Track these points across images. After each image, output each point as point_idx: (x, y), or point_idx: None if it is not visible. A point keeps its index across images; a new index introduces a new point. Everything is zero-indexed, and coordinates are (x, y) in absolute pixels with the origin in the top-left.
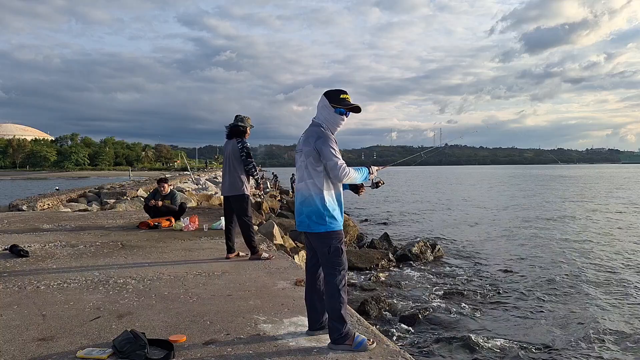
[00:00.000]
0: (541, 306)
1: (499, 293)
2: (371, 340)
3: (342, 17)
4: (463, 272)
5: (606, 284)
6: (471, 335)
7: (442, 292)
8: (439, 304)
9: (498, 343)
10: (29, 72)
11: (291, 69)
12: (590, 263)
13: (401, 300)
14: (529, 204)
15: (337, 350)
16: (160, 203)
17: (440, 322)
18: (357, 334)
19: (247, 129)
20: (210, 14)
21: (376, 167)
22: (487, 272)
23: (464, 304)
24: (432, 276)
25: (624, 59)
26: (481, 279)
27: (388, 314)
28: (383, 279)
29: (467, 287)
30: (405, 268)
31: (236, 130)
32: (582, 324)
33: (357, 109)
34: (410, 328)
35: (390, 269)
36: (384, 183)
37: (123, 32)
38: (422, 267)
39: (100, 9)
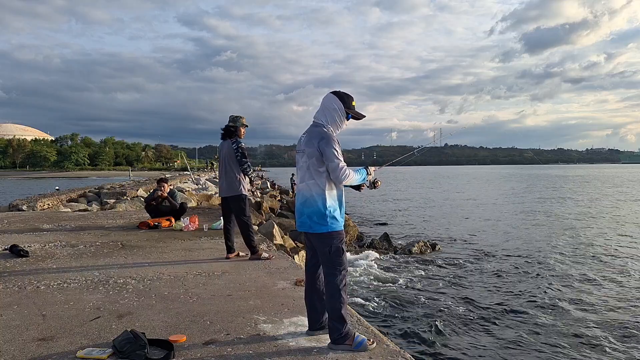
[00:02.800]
0: (541, 306)
1: (499, 293)
2: (371, 340)
3: (342, 17)
4: (463, 272)
5: (612, 287)
6: (471, 335)
7: (442, 292)
8: (438, 304)
9: (498, 343)
10: (29, 72)
11: (291, 69)
12: (593, 264)
13: (401, 300)
14: (529, 203)
15: (337, 350)
16: (164, 194)
17: (439, 322)
18: (357, 334)
19: (240, 128)
20: (210, 14)
21: (373, 168)
22: (488, 272)
23: (463, 304)
24: (432, 276)
25: (624, 59)
26: (481, 279)
27: (388, 313)
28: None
29: (466, 287)
30: (405, 268)
31: (229, 130)
32: (583, 324)
33: (361, 118)
34: (410, 328)
35: None
36: (380, 183)
37: (123, 32)
38: (422, 267)
39: (100, 9)
